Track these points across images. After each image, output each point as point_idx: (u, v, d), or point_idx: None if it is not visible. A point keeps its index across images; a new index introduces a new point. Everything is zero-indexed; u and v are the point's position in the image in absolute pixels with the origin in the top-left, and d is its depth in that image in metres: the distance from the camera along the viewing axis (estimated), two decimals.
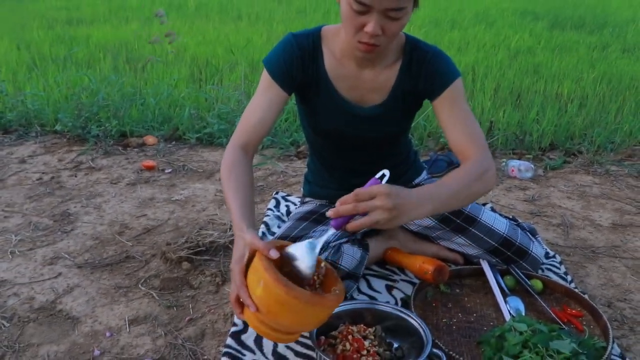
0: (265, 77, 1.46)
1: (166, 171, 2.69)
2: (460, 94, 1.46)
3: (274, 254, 1.12)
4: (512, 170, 2.76)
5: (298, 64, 1.45)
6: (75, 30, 6.58)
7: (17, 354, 1.42)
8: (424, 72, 1.47)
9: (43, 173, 2.63)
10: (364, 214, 1.10)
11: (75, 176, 2.61)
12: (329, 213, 1.11)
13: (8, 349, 1.43)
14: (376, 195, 1.09)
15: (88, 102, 3.36)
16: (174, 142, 3.13)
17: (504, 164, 2.84)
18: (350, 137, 1.57)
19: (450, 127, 1.44)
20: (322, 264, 1.26)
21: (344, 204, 1.10)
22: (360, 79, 1.49)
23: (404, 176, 1.77)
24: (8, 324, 1.53)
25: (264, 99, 1.45)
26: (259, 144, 1.47)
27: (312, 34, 1.48)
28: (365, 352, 1.30)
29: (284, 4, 8.92)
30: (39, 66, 4.55)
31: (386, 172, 1.19)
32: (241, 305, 1.17)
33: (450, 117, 1.45)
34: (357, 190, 1.10)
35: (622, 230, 2.20)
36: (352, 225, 1.11)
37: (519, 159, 2.98)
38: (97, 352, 1.43)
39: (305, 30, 1.49)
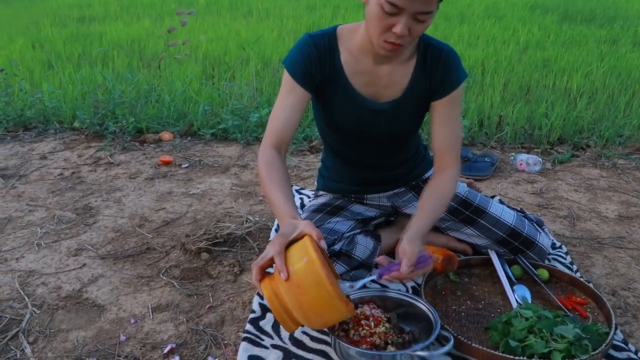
0: (286, 78, 1.52)
1: (183, 166, 2.77)
2: (460, 97, 1.56)
3: (324, 244, 1.26)
4: (521, 164, 2.81)
5: (316, 63, 1.51)
6: (88, 27, 6.67)
7: (48, 338, 1.50)
8: (440, 71, 1.53)
9: (64, 168, 2.72)
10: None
11: (95, 171, 2.70)
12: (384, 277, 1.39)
13: (40, 334, 1.51)
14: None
15: (104, 100, 3.44)
16: (189, 138, 3.21)
17: (512, 157, 2.89)
18: (364, 132, 1.63)
19: (441, 130, 1.57)
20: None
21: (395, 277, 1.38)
22: (377, 75, 1.54)
23: (414, 170, 1.83)
24: (38, 311, 1.61)
25: (288, 100, 1.51)
26: (290, 142, 1.54)
27: (328, 34, 1.54)
28: (377, 337, 1.36)
29: None
30: (55, 64, 4.64)
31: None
32: (262, 274, 1.27)
33: (444, 121, 1.56)
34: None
35: (628, 222, 2.25)
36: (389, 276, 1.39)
37: (528, 152, 3.03)
38: (123, 338, 1.50)
39: (321, 30, 1.55)
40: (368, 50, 1.50)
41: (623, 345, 1.45)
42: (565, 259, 1.89)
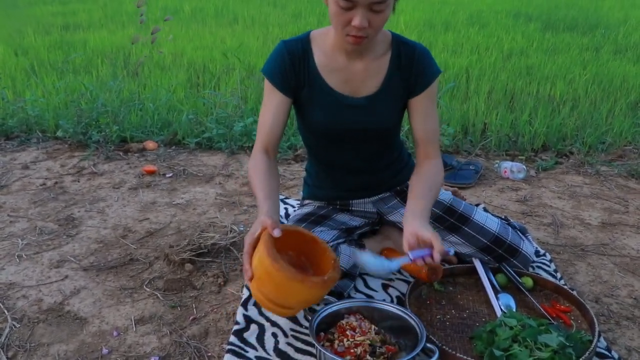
0: (267, 85, 1.60)
1: (167, 175, 2.75)
2: (435, 92, 1.64)
3: (277, 233, 1.34)
4: (505, 172, 2.83)
5: (290, 69, 1.58)
6: (72, 35, 6.62)
7: (28, 353, 1.47)
8: (415, 69, 1.60)
9: (46, 178, 2.69)
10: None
11: (78, 181, 2.67)
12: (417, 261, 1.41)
13: (20, 349, 1.49)
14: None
15: (88, 108, 3.41)
16: (173, 147, 3.19)
17: (496, 165, 2.90)
18: (344, 130, 1.65)
19: (422, 123, 1.64)
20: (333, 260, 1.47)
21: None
22: (352, 71, 1.59)
23: (399, 175, 1.84)
24: (19, 325, 1.59)
25: (271, 105, 1.60)
26: (278, 144, 1.64)
27: (302, 39, 1.61)
28: (361, 349, 1.36)
29: (279, 7, 8.96)
30: (38, 72, 4.59)
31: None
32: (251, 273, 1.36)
33: (423, 115, 1.64)
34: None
35: (611, 229, 2.27)
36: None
37: (512, 160, 3.05)
38: (105, 351, 1.49)
39: (295, 36, 1.62)
40: (340, 47, 1.56)
41: (606, 353, 1.46)
42: (549, 266, 1.90)
